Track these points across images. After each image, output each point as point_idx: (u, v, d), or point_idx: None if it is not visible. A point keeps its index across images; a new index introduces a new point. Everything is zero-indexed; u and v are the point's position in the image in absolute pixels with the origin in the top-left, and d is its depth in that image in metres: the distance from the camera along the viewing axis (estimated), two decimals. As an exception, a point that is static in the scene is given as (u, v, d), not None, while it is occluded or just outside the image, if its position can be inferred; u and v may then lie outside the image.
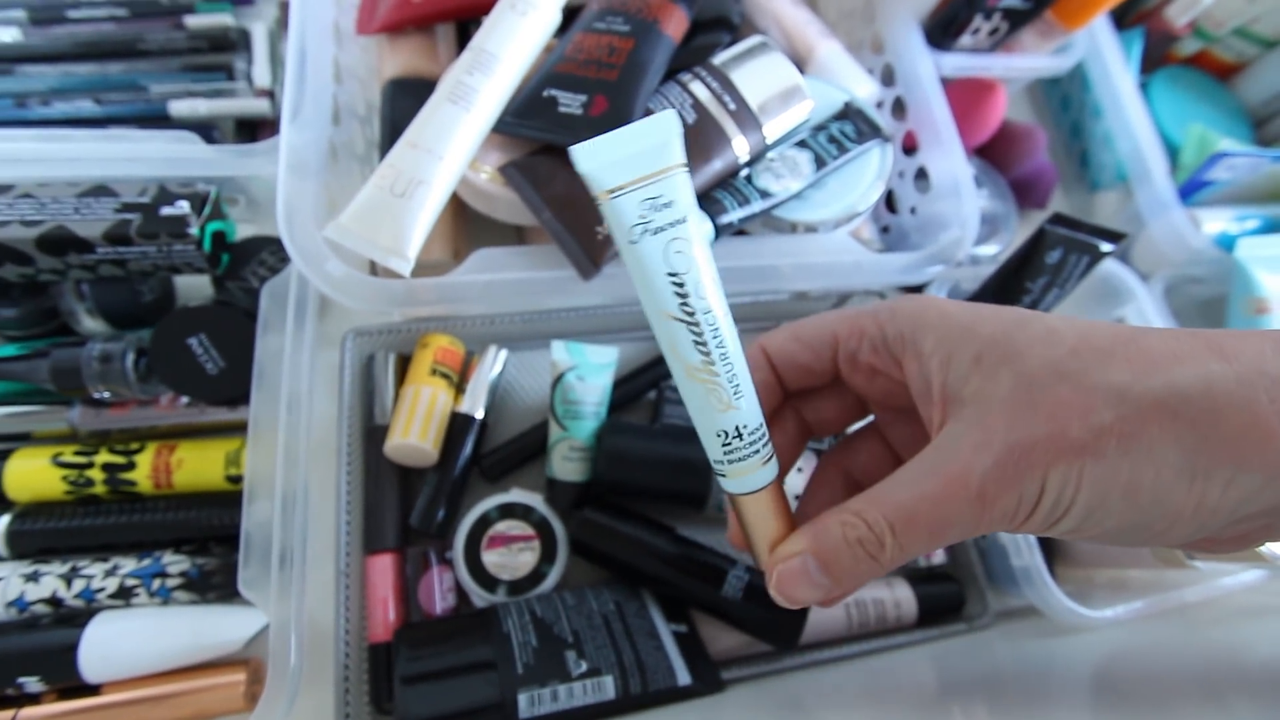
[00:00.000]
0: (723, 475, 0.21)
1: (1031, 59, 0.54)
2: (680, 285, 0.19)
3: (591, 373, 0.42)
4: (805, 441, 0.24)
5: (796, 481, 0.42)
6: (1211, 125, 0.56)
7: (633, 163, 0.19)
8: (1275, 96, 0.61)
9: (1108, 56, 0.56)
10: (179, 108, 0.46)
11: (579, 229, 0.37)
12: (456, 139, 0.36)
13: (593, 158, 0.19)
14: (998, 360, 0.18)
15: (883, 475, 0.19)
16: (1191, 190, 0.54)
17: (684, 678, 0.35)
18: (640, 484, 0.42)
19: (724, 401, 0.20)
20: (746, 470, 0.20)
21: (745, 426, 0.20)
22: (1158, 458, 0.16)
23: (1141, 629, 0.39)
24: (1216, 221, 0.54)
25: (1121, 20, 0.61)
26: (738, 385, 0.20)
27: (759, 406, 0.20)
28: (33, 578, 0.36)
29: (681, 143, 0.19)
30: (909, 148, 0.48)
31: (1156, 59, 0.62)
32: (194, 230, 0.37)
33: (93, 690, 0.35)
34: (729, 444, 0.20)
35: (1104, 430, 0.16)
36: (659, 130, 0.19)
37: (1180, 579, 0.41)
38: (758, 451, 0.20)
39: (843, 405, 0.24)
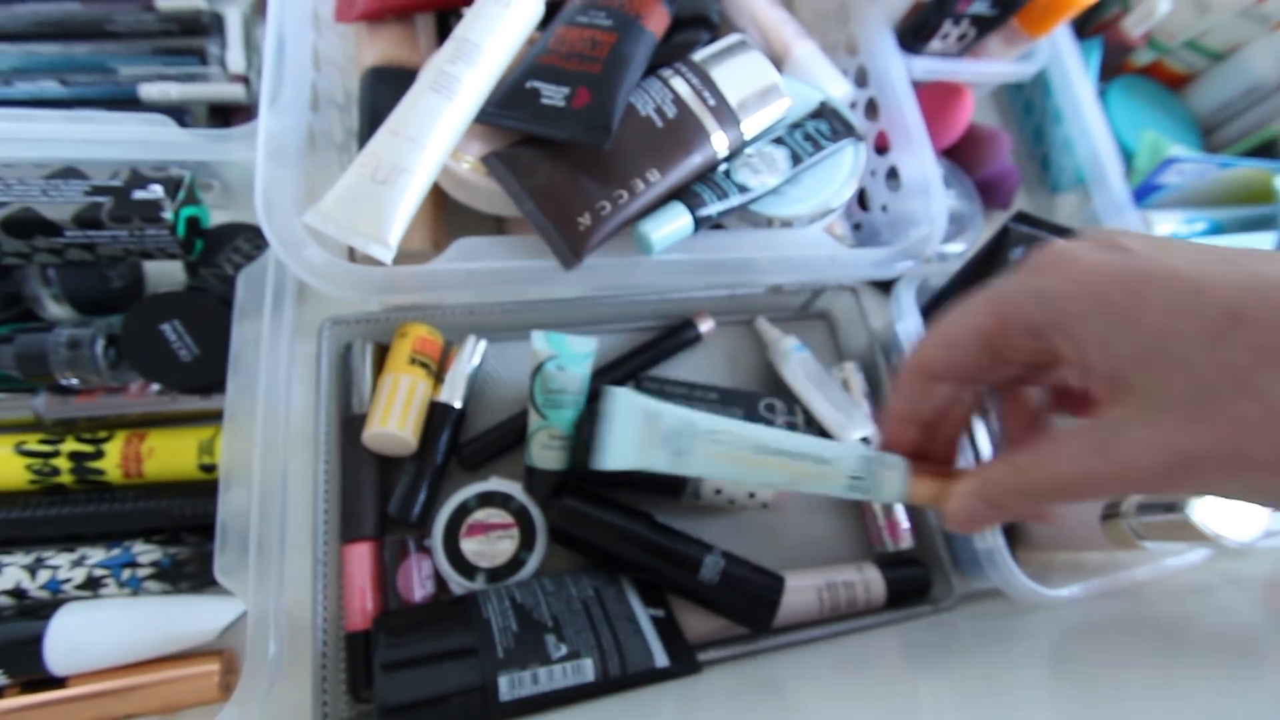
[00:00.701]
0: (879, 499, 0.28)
1: (997, 65, 0.56)
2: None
3: (572, 362, 0.43)
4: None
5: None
6: (1163, 132, 0.59)
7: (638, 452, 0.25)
8: (1222, 106, 0.64)
9: (1068, 64, 0.58)
10: (149, 91, 0.45)
11: (561, 219, 0.37)
12: (439, 128, 0.36)
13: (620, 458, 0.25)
14: (1168, 362, 0.17)
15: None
16: (1145, 194, 0.57)
17: (661, 660, 0.36)
18: (616, 481, 0.42)
19: (823, 475, 0.25)
20: (887, 491, 0.26)
21: (854, 474, 0.26)
22: None
23: (1096, 606, 0.41)
24: (1167, 223, 0.56)
25: (1081, 30, 0.64)
26: (822, 458, 0.25)
27: (857, 448, 0.26)
28: (-5, 569, 0.35)
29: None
30: (881, 147, 0.50)
31: (1113, 68, 0.65)
32: (168, 215, 0.36)
33: (59, 683, 0.35)
34: (856, 488, 0.25)
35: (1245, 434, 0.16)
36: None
37: (1132, 559, 0.43)
38: (880, 473, 0.25)
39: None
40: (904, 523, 0.47)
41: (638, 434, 0.25)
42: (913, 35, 0.53)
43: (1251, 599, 0.42)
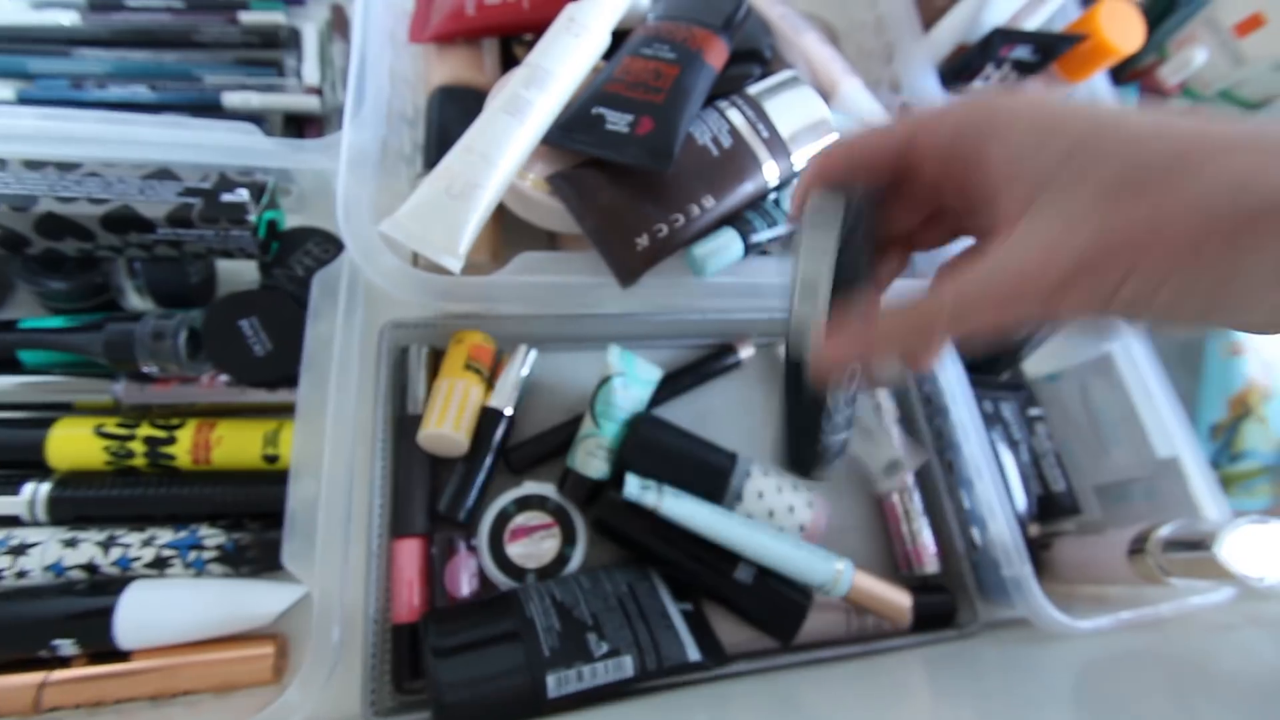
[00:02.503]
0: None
1: (1035, 107, 0.58)
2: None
3: (636, 384, 0.45)
4: (907, 257, 0.26)
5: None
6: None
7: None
8: (1253, 156, 0.66)
9: (1104, 109, 0.60)
10: (232, 99, 0.47)
11: (620, 239, 0.39)
12: (510, 148, 0.39)
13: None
14: (1098, 152, 0.17)
15: None
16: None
17: (694, 654, 0.38)
18: (662, 475, 0.44)
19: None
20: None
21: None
22: (1262, 262, 0.15)
23: (1119, 639, 0.42)
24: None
25: (1118, 76, 0.66)
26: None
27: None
28: (71, 543, 0.37)
29: None
30: (921, 182, 0.52)
31: (1147, 114, 0.66)
32: (252, 218, 0.39)
33: (124, 656, 0.36)
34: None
35: (1210, 232, 0.15)
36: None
37: (1157, 595, 0.44)
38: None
39: (921, 214, 0.24)
40: (931, 548, 0.48)
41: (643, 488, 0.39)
42: (955, 76, 0.55)
43: (1275, 640, 0.42)
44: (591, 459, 0.44)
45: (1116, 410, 0.53)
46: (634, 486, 0.41)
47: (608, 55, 0.44)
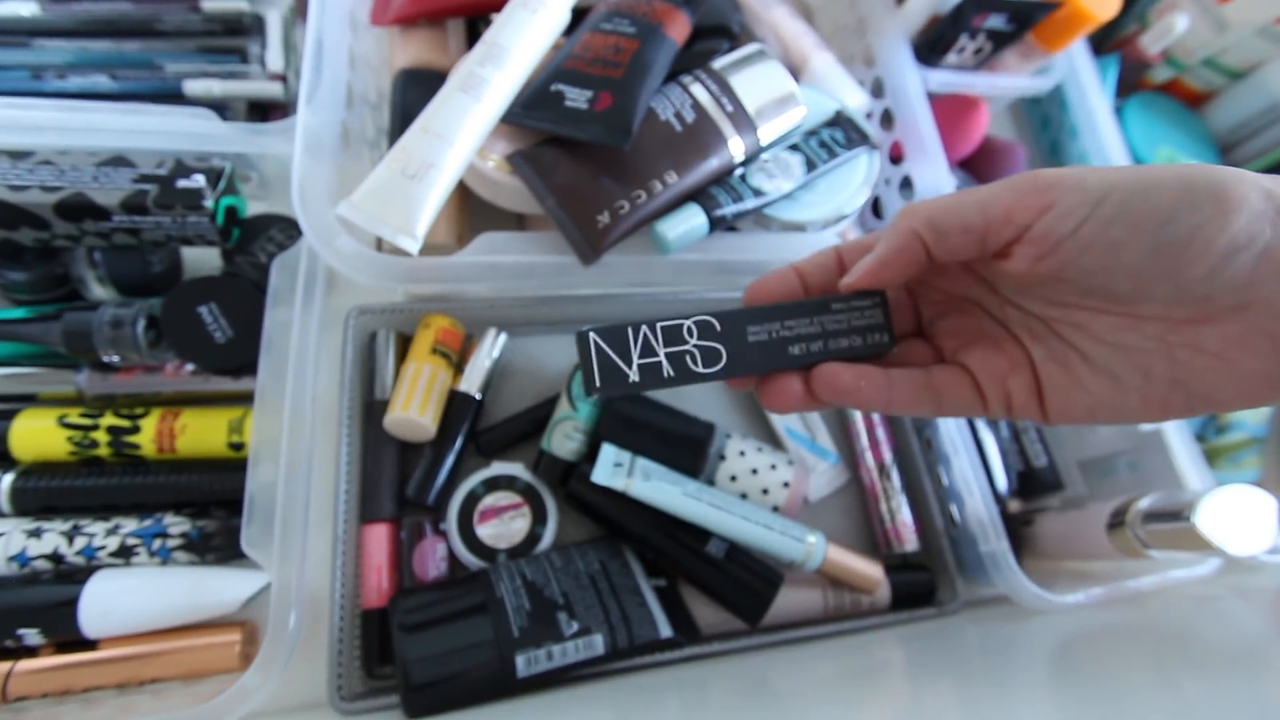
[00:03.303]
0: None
1: (1013, 79, 0.57)
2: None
3: None
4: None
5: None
6: (1180, 150, 0.60)
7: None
8: (1241, 124, 0.65)
9: (1085, 80, 0.59)
10: (194, 87, 0.47)
11: (581, 217, 0.39)
12: (467, 126, 0.38)
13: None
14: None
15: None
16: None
17: (665, 630, 0.37)
18: (639, 448, 0.43)
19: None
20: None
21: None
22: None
23: (1100, 614, 0.41)
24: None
25: (1099, 46, 0.65)
26: None
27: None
28: (35, 534, 0.37)
29: None
30: (895, 157, 0.51)
31: (1131, 84, 0.65)
32: (209, 203, 0.38)
33: (90, 645, 0.36)
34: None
35: (1112, 187, 0.19)
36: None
37: (1138, 568, 0.43)
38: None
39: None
40: (910, 525, 0.48)
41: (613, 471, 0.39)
42: (929, 48, 0.54)
43: (1258, 612, 0.42)
44: (568, 441, 0.44)
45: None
46: (604, 469, 0.41)
47: (569, 32, 0.44)
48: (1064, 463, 0.53)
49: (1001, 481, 0.49)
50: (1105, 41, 0.65)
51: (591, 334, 0.22)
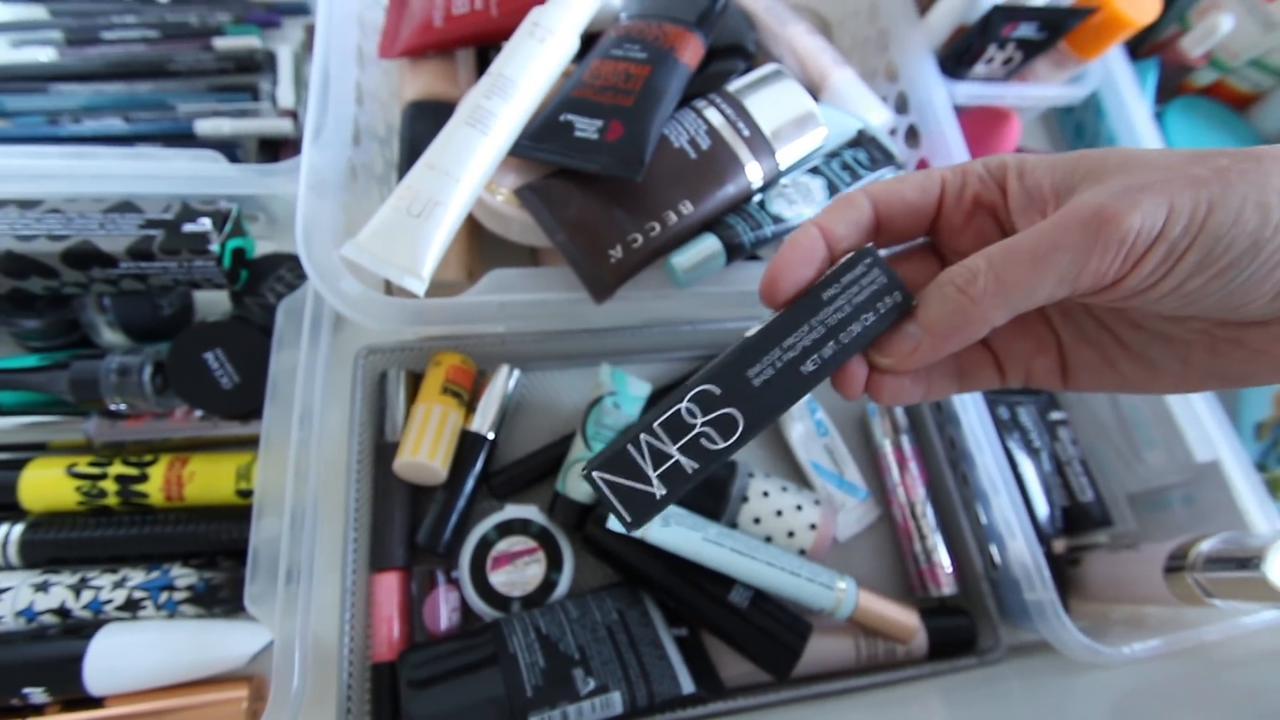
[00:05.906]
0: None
1: (1045, 88, 0.54)
2: None
3: (627, 402, 0.43)
4: None
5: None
6: (1228, 156, 0.56)
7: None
8: (1293, 127, 0.61)
9: (1122, 86, 0.56)
10: (204, 126, 0.47)
11: (593, 251, 0.37)
12: (473, 161, 0.37)
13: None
14: (1114, 165, 0.18)
15: None
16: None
17: (687, 685, 0.35)
18: None
19: None
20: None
21: None
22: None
23: (1159, 668, 0.38)
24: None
25: (1136, 51, 0.62)
26: None
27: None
28: (42, 587, 0.36)
29: None
30: (922, 175, 0.48)
31: (1172, 89, 0.62)
32: (214, 247, 0.38)
33: (96, 703, 0.35)
34: None
35: (1223, 169, 0.17)
36: None
37: (1199, 617, 0.40)
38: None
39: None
40: (947, 567, 0.45)
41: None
42: (955, 60, 0.52)
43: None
44: (583, 483, 0.42)
45: (1149, 410, 0.49)
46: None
47: (579, 60, 0.43)
48: (1111, 496, 0.49)
49: (1044, 519, 0.46)
50: (1143, 45, 0.62)
51: (595, 474, 0.20)
